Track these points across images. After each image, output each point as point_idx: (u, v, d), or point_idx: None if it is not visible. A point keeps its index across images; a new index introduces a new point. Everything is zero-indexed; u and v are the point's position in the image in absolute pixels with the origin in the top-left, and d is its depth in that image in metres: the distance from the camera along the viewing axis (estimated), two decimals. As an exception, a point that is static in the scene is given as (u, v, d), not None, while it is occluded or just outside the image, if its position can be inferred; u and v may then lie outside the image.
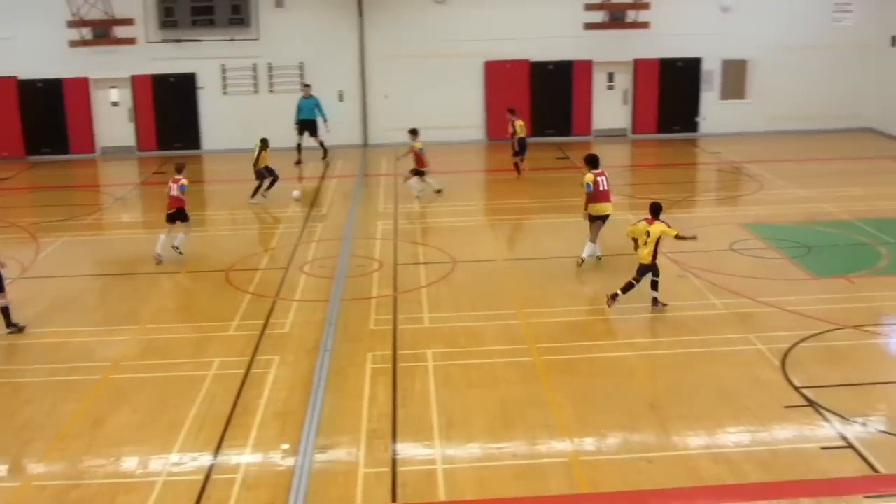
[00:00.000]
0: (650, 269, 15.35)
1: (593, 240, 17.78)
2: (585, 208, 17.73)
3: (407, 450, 10.99)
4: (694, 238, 15.56)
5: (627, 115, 31.80)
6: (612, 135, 31.46)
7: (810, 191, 23.23)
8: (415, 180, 23.22)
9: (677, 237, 15.31)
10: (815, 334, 14.14)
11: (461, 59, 30.28)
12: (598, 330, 14.64)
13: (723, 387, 12.49)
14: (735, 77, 32.06)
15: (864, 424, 11.36)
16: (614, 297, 15.29)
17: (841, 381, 12.58)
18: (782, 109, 31.65)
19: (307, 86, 28.81)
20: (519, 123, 25.36)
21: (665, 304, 15.41)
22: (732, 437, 11.11)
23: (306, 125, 28.43)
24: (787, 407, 11.84)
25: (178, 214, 18.67)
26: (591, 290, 16.47)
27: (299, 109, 28.49)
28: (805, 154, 28.43)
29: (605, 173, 17.77)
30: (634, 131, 31.70)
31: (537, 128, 30.39)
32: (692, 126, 31.83)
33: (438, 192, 23.40)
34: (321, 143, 28.57)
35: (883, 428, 11.33)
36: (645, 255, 15.29)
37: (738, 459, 10.56)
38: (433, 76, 30.34)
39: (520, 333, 14.40)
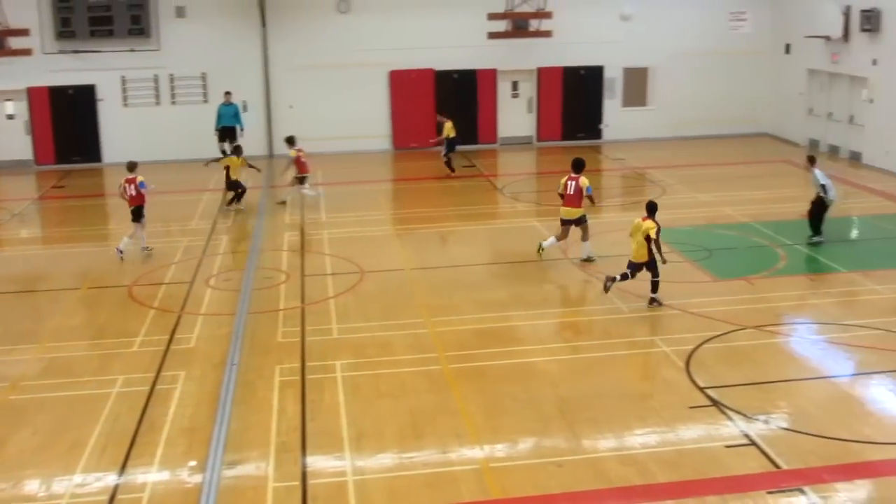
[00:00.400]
0: (645, 266, 15.79)
1: (585, 238, 18.44)
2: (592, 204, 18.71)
3: (317, 462, 10.90)
4: (663, 262, 15.83)
5: (532, 123, 32.10)
6: (517, 143, 31.73)
7: (710, 195, 23.75)
8: (307, 188, 23.34)
9: (652, 241, 15.60)
10: (718, 335, 14.46)
11: (366, 68, 30.24)
12: (507, 336, 14.72)
13: (630, 389, 12.70)
14: (637, 84, 32.65)
15: (765, 422, 11.65)
16: (612, 280, 15.82)
17: (743, 381, 12.88)
18: (683, 116, 32.32)
19: (228, 93, 28.56)
20: (448, 125, 26.25)
21: (661, 304, 15.70)
22: (639, 439, 11.28)
23: (227, 132, 28.31)
24: (691, 407, 12.07)
25: (139, 211, 19.36)
26: (500, 297, 16.55)
27: (220, 116, 28.38)
28: (705, 159, 29.08)
29: (580, 178, 18.31)
30: (539, 139, 32.03)
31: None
32: (596, 133, 32.30)
33: (283, 203, 23.44)
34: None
35: (784, 425, 11.63)
36: (635, 251, 15.80)
37: (645, 460, 10.73)
38: (338, 86, 30.22)
39: (429, 342, 14.41)
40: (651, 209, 15.98)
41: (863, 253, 19.39)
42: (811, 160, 20.19)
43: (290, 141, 23.71)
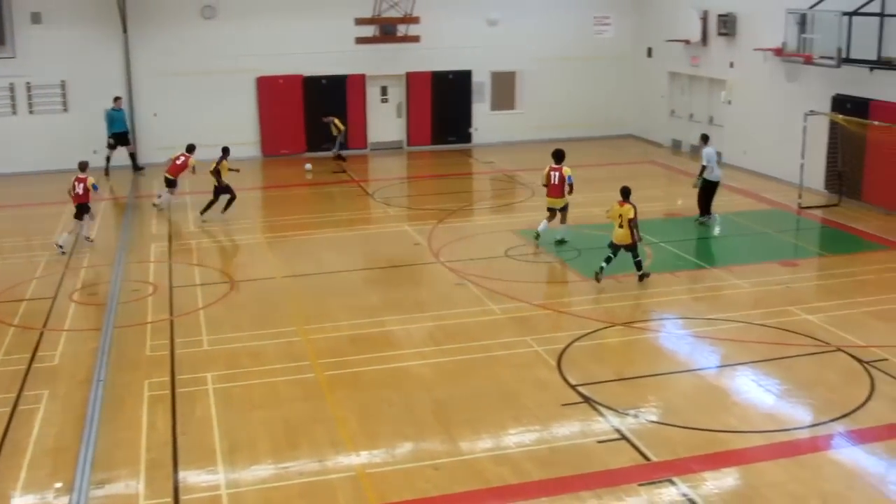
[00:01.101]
0: (628, 248, 16.87)
1: (563, 221, 19.52)
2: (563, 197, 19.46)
3: (190, 477, 10.66)
4: (640, 240, 17.12)
5: (402, 128, 32.15)
6: (388, 147, 31.73)
7: (579, 196, 24.12)
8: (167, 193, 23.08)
9: (632, 224, 16.76)
10: (588, 333, 14.73)
11: (233, 75, 29.75)
12: (381, 341, 14.68)
13: (504, 389, 12.81)
14: (505, 88, 33.04)
15: (635, 416, 11.92)
16: (601, 269, 16.80)
17: (613, 377, 13.16)
18: (550, 118, 32.85)
19: (118, 98, 28.22)
20: (337, 121, 28.47)
21: (648, 274, 16.98)
22: (514, 438, 11.40)
23: (120, 137, 28.07)
24: (564, 405, 12.26)
25: (83, 209, 20.11)
26: (373, 303, 16.50)
27: (113, 121, 28.01)
28: (573, 161, 29.23)
29: (562, 169, 19.40)
30: (410, 143, 32.10)
31: (313, 143, 30.34)
32: (466, 137, 32.54)
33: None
34: (133, 155, 28.64)
35: (653, 418, 11.92)
36: (622, 235, 16.82)
37: (519, 459, 10.85)
38: (205, 93, 29.63)
39: (302, 350, 14.27)
40: (626, 193, 17.14)
41: (725, 249, 20.05)
42: (704, 138, 21.65)
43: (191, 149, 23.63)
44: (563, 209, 19.55)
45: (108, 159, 28.10)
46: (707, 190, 21.31)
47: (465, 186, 27.27)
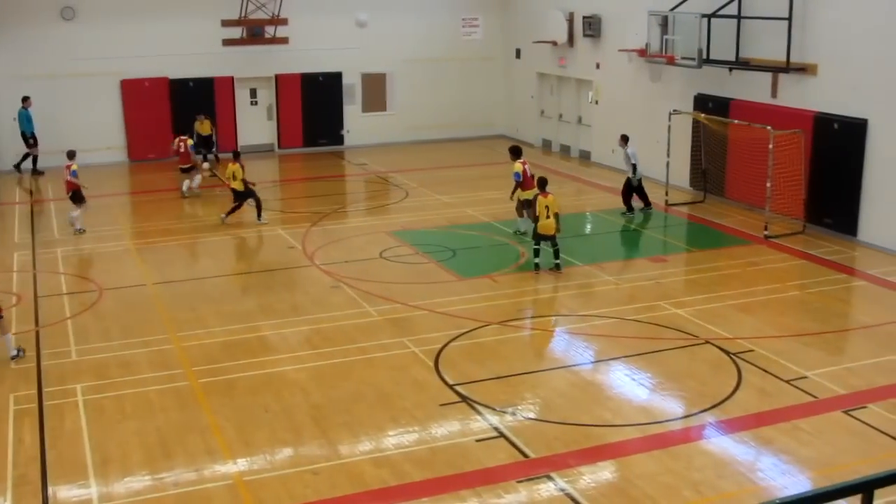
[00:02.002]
0: (551, 238, 17.52)
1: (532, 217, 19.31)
2: (513, 194, 20.10)
3: (60, 493, 10.30)
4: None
5: (273, 131, 31.78)
6: (259, 150, 31.28)
7: (452, 196, 24.34)
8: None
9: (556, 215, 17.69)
10: (464, 332, 14.81)
11: (96, 77, 28.86)
12: (256, 346, 14.46)
13: (382, 391, 12.77)
14: (376, 90, 33.00)
15: (513, 414, 12.03)
16: (537, 264, 17.67)
17: (490, 375, 13.24)
18: (422, 120, 32.99)
19: (27, 98, 27.73)
20: (206, 123, 28.08)
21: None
22: (393, 440, 11.38)
23: (28, 137, 27.91)
24: (442, 405, 12.29)
25: (75, 196, 21.05)
26: (247, 308, 16.25)
27: (27, 121, 27.74)
28: (446, 161, 29.76)
29: (527, 162, 20.17)
30: (281, 146, 31.75)
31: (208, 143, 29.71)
32: (338, 139, 32.37)
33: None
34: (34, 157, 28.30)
35: (530, 415, 12.05)
36: (549, 226, 17.53)
37: (399, 460, 10.83)
38: (67, 96, 28.69)
39: (175, 358, 13.94)
40: (544, 184, 18.04)
41: (595, 246, 20.43)
42: (624, 139, 22.30)
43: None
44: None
45: (24, 158, 28.13)
46: (631, 187, 22.36)
47: (338, 189, 27.13)
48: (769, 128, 20.23)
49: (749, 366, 13.51)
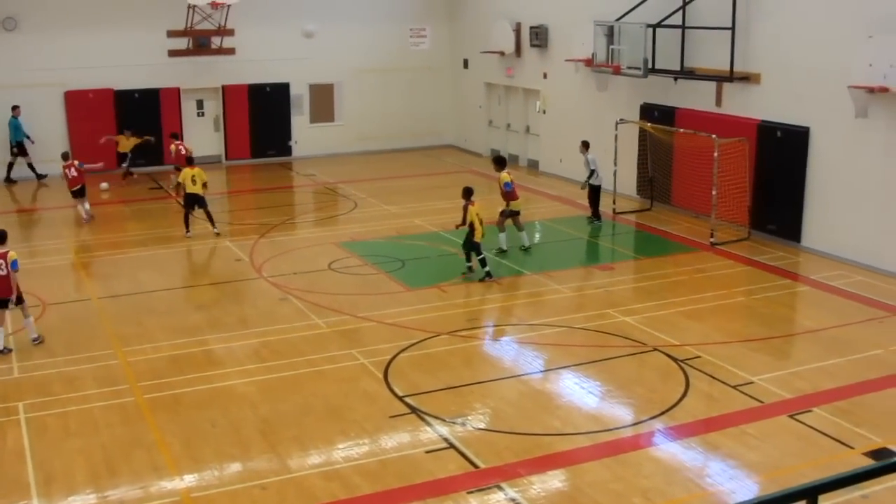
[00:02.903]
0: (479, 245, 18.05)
1: (521, 228, 20.17)
2: (508, 205, 19.95)
3: (0, 513, 10.10)
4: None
5: (220, 142, 31.53)
6: (206, 162, 30.87)
7: (400, 207, 24.30)
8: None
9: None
10: (414, 343, 14.76)
11: (39, 89, 28.42)
12: (203, 360, 14.30)
13: (331, 404, 12.69)
14: (323, 100, 32.90)
15: (462, 424, 12.01)
16: (488, 274, 17.88)
17: (440, 386, 13.21)
18: (370, 130, 32.96)
19: (16, 107, 28.02)
20: (132, 140, 27.82)
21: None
22: (342, 453, 11.30)
23: (21, 146, 28.21)
24: (392, 417, 12.23)
25: (81, 191, 22.87)
26: (194, 321, 16.07)
27: (16, 129, 27.99)
28: (394, 172, 29.72)
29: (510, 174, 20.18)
30: (228, 157, 31.51)
31: (124, 158, 29.38)
32: (286, 150, 32.21)
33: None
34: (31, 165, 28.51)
35: (480, 425, 12.04)
36: (481, 232, 17.96)
37: (348, 473, 10.75)
38: (7, 108, 28.23)
39: (120, 373, 13.74)
40: (470, 193, 18.33)
41: (544, 255, 20.48)
42: (585, 145, 22.45)
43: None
44: (517, 213, 20.14)
45: (10, 166, 28.36)
46: (595, 193, 22.46)
47: (286, 200, 26.96)
48: (714, 136, 20.46)
49: (696, 372, 13.61)
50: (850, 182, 19.06)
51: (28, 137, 28.26)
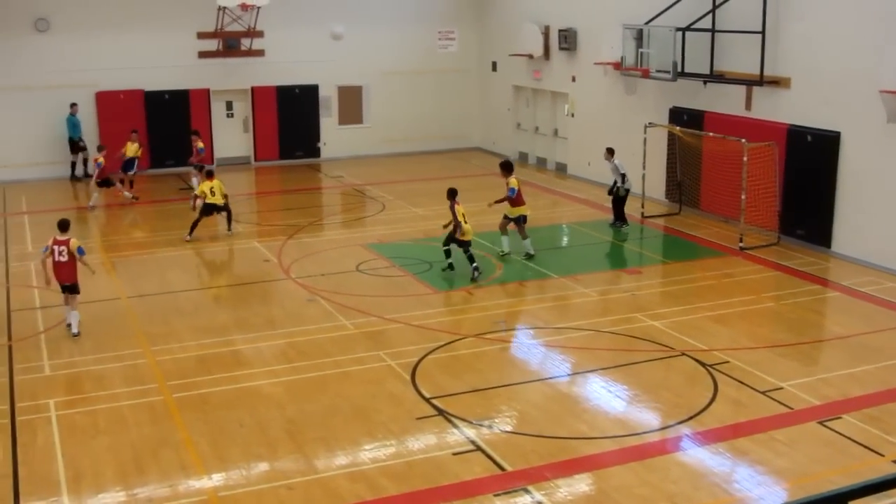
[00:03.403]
0: (468, 243, 18.25)
1: (525, 236, 19.80)
2: (495, 203, 19.92)
3: (30, 510, 10.19)
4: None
5: (249, 143, 31.69)
6: (235, 163, 31.18)
7: (428, 209, 24.30)
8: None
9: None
10: (441, 345, 14.78)
11: (71, 89, 28.58)
12: (230, 360, 14.36)
13: (357, 405, 12.71)
14: (351, 102, 32.98)
15: (489, 427, 12.00)
16: (476, 270, 18.13)
17: (466, 388, 13.21)
18: (397, 132, 33.01)
19: (74, 104, 28.49)
20: (135, 145, 26.73)
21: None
22: (369, 454, 11.32)
23: (76, 143, 28.75)
24: (418, 418, 12.24)
25: (107, 181, 24.66)
26: (221, 321, 16.15)
27: (75, 127, 28.52)
28: (422, 174, 29.76)
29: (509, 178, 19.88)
30: (257, 159, 31.66)
31: (156, 159, 29.61)
32: (314, 151, 32.32)
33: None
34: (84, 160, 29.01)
35: (507, 428, 12.03)
36: (470, 230, 18.27)
37: (374, 475, 10.77)
38: (41, 108, 28.42)
39: (148, 372, 13.83)
40: (453, 194, 18.54)
41: (571, 259, 20.46)
42: (610, 152, 22.35)
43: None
44: (525, 220, 19.96)
45: (74, 165, 29.00)
46: (622, 198, 22.36)
47: (314, 201, 27.06)
48: (743, 140, 20.36)
49: (724, 377, 13.54)
50: (882, 187, 18.90)
51: (80, 138, 28.74)
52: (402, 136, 33.05)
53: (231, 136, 31.24)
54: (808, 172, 20.38)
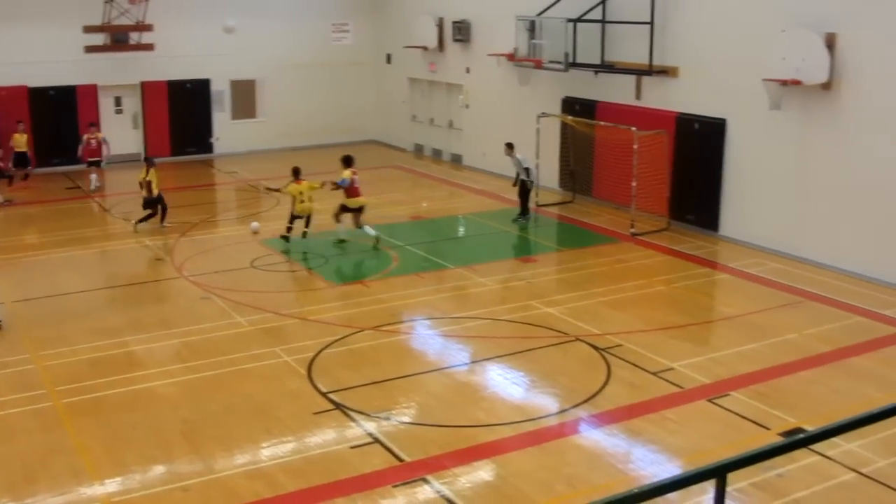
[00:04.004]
0: (308, 217, 19.84)
1: (359, 225, 20.24)
2: (328, 186, 20.62)
3: (-87, 524, 9.83)
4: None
5: (139, 139, 31.03)
6: (125, 160, 30.42)
7: (324, 203, 24.08)
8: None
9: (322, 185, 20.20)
10: (338, 339, 14.72)
11: (-51, 87, 27.73)
12: (124, 362, 14.04)
13: (255, 402, 12.58)
14: (245, 97, 32.57)
15: (387, 419, 12.00)
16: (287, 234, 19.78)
17: (364, 381, 13.19)
18: (293, 126, 32.70)
19: None
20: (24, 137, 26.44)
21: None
22: (267, 451, 11.21)
23: None
24: (316, 413, 12.18)
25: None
26: (114, 323, 15.79)
27: None
28: (318, 168, 29.30)
29: (357, 172, 20.55)
30: (148, 155, 30.84)
31: (42, 157, 28.75)
32: (207, 147, 31.84)
33: None
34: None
35: (405, 419, 12.05)
36: (306, 208, 19.98)
37: (273, 472, 10.68)
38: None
39: (37, 378, 13.43)
40: (297, 172, 20.40)
41: (468, 249, 20.59)
42: (510, 146, 22.18)
43: None
44: (361, 210, 20.28)
45: None
46: (525, 191, 22.17)
47: (207, 198, 26.65)
48: (634, 129, 20.73)
49: (618, 360, 13.80)
50: (765, 172, 19.47)
51: None
52: (297, 130, 32.76)
53: (121, 133, 30.44)
54: (696, 159, 20.87)
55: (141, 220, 21.50)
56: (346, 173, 20.14)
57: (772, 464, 9.91)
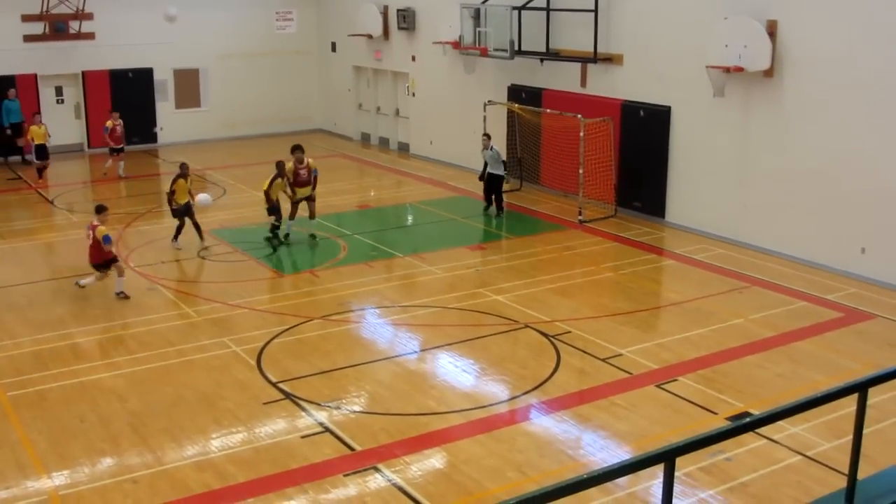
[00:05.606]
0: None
1: (291, 217, 19.69)
2: (294, 193, 19.81)
3: None
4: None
5: (82, 130, 30.56)
6: (67, 151, 29.98)
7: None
8: None
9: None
10: (287, 329, 14.65)
11: None
12: (68, 355, 13.85)
13: (203, 393, 12.49)
14: (189, 86, 32.21)
15: (337, 408, 11.98)
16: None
17: (314, 371, 13.15)
18: (238, 115, 32.43)
19: (13, 89, 27.96)
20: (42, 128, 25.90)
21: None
22: (216, 442, 11.14)
23: (18, 127, 27.74)
24: (265, 403, 12.12)
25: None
26: (58, 315, 15.56)
27: (10, 112, 27.73)
28: (263, 157, 29.14)
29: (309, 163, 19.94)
30: (91, 146, 30.56)
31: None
32: (151, 137, 31.44)
33: None
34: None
35: (355, 408, 12.04)
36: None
37: (222, 463, 10.61)
38: None
39: (-21, 371, 13.23)
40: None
41: (416, 237, 20.59)
42: (488, 137, 21.88)
43: None
44: (306, 199, 19.80)
45: (20, 147, 28.09)
46: (499, 184, 21.90)
47: (152, 188, 26.30)
48: (579, 116, 20.85)
49: (567, 347, 13.89)
50: (709, 159, 19.69)
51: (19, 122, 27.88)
52: (241, 120, 32.50)
53: (62, 123, 29.94)
54: (641, 146, 21.05)
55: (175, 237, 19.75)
56: (310, 162, 19.99)
57: (719, 448, 10.05)
